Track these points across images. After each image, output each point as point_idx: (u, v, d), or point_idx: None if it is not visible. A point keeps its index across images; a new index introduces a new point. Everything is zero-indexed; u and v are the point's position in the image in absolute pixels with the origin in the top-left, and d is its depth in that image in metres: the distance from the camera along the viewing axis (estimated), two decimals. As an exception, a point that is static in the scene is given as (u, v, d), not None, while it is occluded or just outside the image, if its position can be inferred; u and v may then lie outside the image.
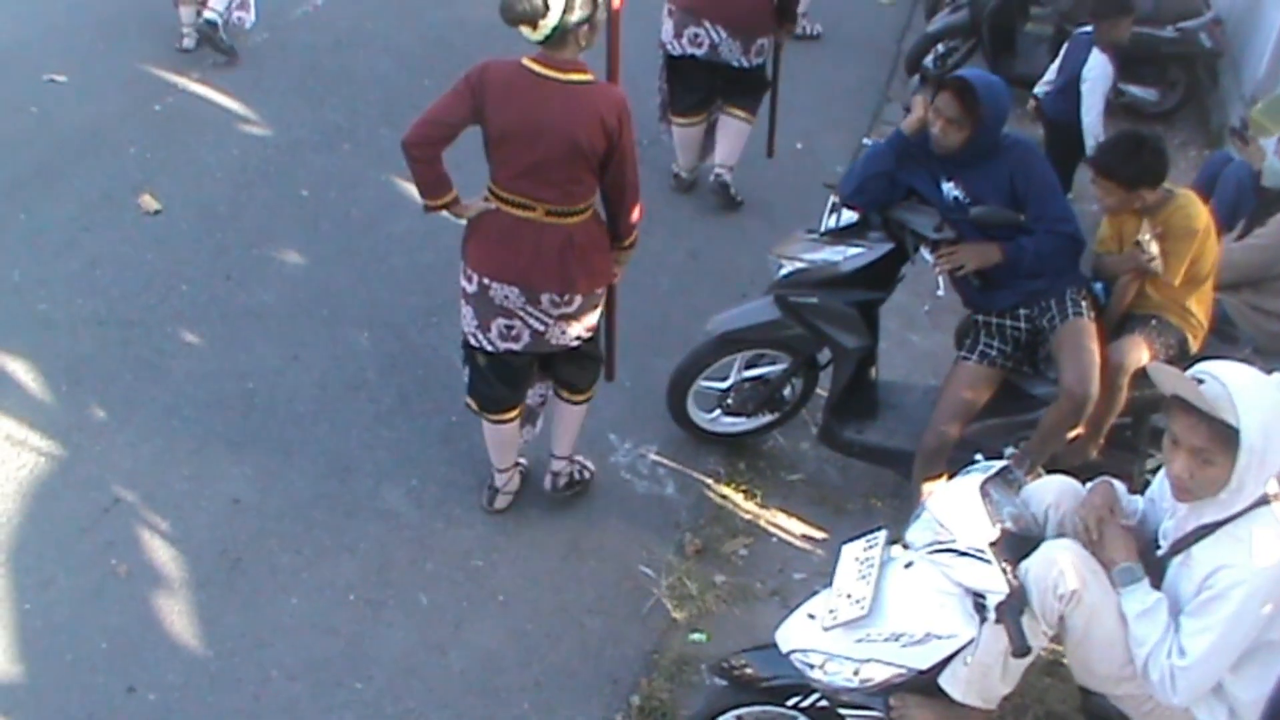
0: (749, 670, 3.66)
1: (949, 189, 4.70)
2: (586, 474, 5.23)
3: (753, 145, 7.13)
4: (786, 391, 5.37)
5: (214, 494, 5.02)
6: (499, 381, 4.70)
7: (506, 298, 4.41)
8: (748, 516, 5.23)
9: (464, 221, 4.49)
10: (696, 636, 4.68)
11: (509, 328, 4.48)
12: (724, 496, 5.32)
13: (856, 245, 4.85)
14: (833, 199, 4.96)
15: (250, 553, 4.79)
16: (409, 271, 6.38)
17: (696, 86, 6.86)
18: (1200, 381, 3.04)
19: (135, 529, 4.85)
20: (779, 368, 5.30)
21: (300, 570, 4.75)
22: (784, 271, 4.96)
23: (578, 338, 4.60)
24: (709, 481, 5.38)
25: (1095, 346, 4.60)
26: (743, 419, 5.45)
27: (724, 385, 5.39)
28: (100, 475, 5.04)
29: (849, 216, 4.92)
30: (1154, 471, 5.04)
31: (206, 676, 4.36)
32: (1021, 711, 4.32)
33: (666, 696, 4.43)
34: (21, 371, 5.49)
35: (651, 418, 5.57)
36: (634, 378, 5.78)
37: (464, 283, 4.50)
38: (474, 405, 4.80)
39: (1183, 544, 3.18)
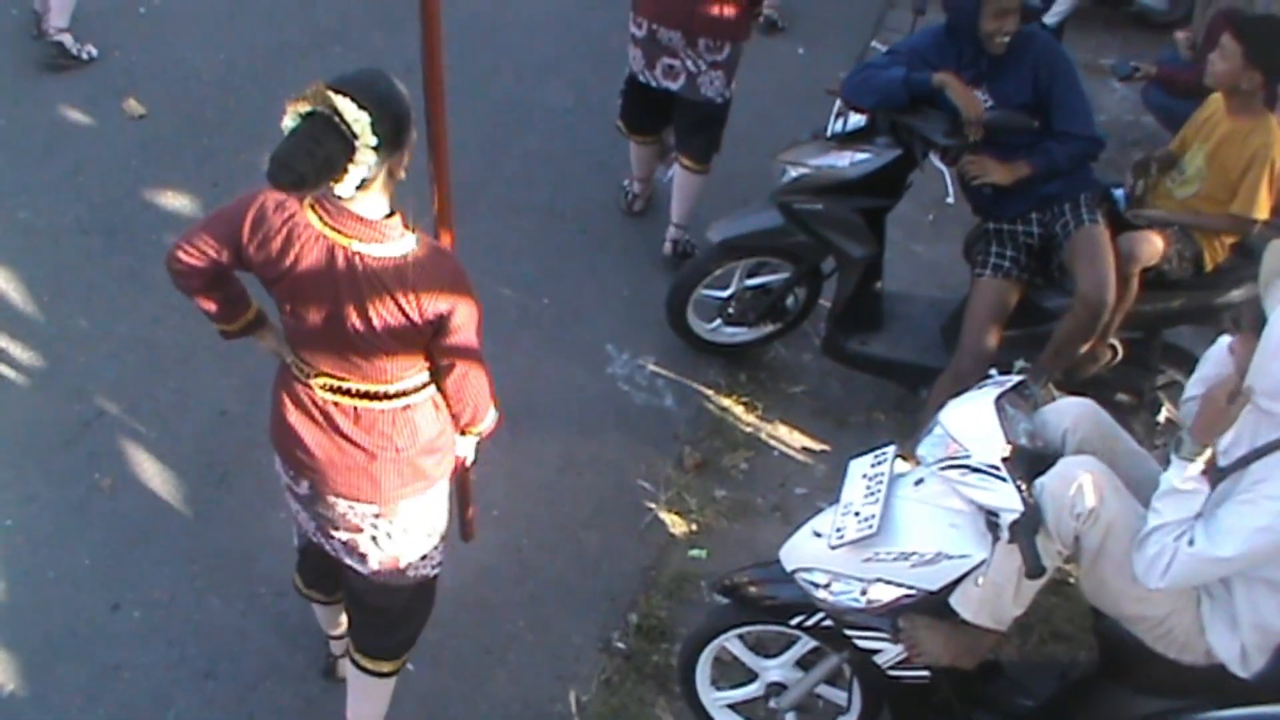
0: (752, 588, 3.57)
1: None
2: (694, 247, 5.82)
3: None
4: (789, 301, 5.25)
5: (200, 405, 4.90)
6: (646, 110, 5.71)
7: (670, 39, 5.29)
8: (748, 429, 5.12)
9: None
10: (696, 553, 4.60)
11: (670, 67, 5.38)
12: (724, 409, 5.20)
13: (863, 150, 4.69)
14: (839, 103, 4.80)
15: (237, 465, 4.68)
16: (397, 178, 6.17)
17: None
18: None
19: (119, 442, 4.75)
20: (782, 276, 5.17)
21: (289, 484, 4.62)
22: (788, 177, 4.81)
23: (721, 94, 5.43)
24: (709, 393, 5.27)
25: (1110, 254, 4.45)
26: (744, 329, 5.33)
27: (725, 294, 5.26)
28: (83, 386, 4.92)
29: (856, 121, 4.76)
30: (1164, 388, 4.94)
31: (193, 593, 4.27)
32: (1027, 630, 4.25)
33: (665, 614, 4.36)
34: (1, 280, 5.33)
35: (650, 327, 5.44)
36: (632, 286, 5.66)
37: (633, 29, 5.41)
38: (622, 128, 5.91)
39: (1241, 463, 2.96)
